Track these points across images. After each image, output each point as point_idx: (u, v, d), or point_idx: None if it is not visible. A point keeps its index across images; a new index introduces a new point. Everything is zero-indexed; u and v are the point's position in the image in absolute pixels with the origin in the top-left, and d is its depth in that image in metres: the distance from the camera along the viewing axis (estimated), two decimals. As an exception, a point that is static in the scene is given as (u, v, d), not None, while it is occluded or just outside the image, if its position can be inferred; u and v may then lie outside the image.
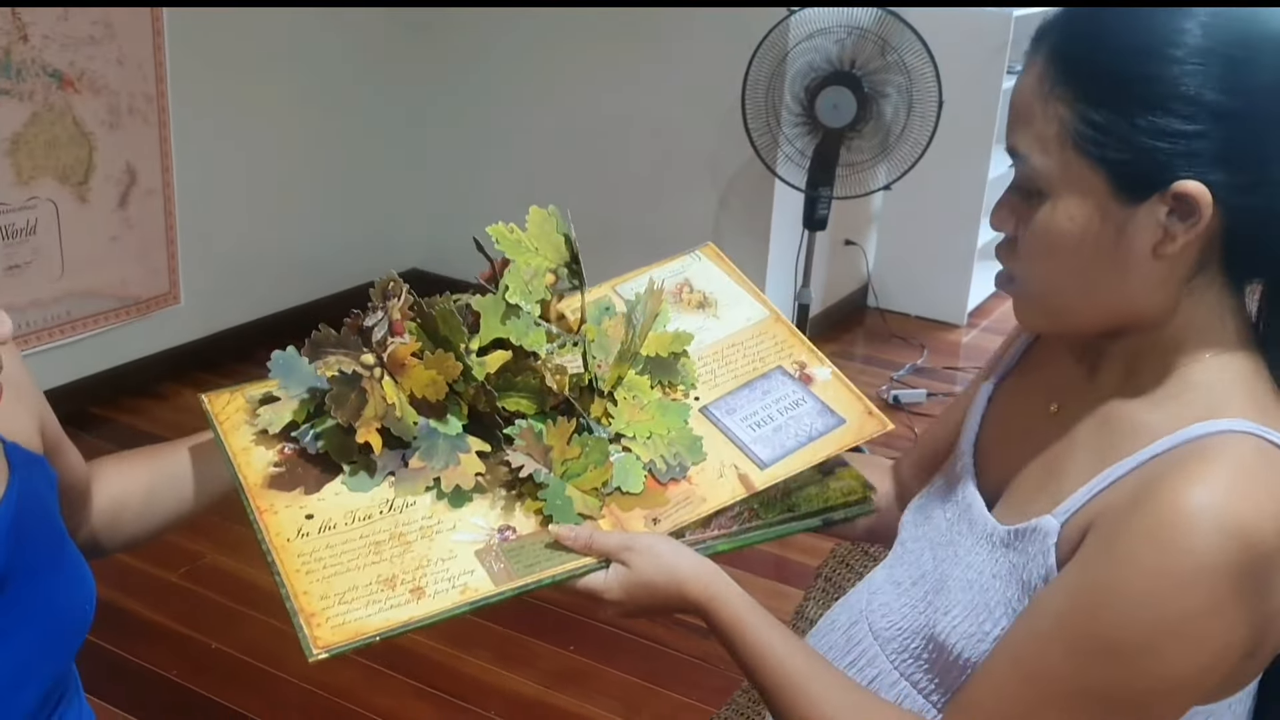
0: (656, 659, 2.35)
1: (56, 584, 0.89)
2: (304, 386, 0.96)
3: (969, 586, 0.90)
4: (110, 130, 3.16)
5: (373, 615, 0.83)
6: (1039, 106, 0.81)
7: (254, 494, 0.93)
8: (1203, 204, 0.77)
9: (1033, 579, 0.84)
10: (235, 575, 2.55)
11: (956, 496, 0.98)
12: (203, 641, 2.37)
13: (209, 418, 1.02)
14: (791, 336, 1.09)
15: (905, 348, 4.13)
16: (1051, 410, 0.94)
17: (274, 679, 2.26)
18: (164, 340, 3.50)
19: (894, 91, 2.90)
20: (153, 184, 3.32)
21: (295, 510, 0.92)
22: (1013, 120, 0.85)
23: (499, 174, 4.14)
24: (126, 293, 3.32)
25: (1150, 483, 0.78)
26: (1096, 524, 0.80)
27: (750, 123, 3.05)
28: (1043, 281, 0.86)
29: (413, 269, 4.42)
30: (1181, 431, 0.80)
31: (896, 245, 4.41)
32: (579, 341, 1.01)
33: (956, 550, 0.94)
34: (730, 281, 1.16)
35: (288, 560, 0.87)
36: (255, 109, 3.60)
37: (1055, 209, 0.82)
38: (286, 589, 0.85)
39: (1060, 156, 0.81)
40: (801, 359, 1.07)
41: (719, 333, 1.11)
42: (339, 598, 0.84)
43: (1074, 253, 0.82)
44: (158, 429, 3.26)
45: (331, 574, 0.86)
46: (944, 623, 0.90)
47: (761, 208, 3.64)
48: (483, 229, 1.03)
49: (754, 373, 1.06)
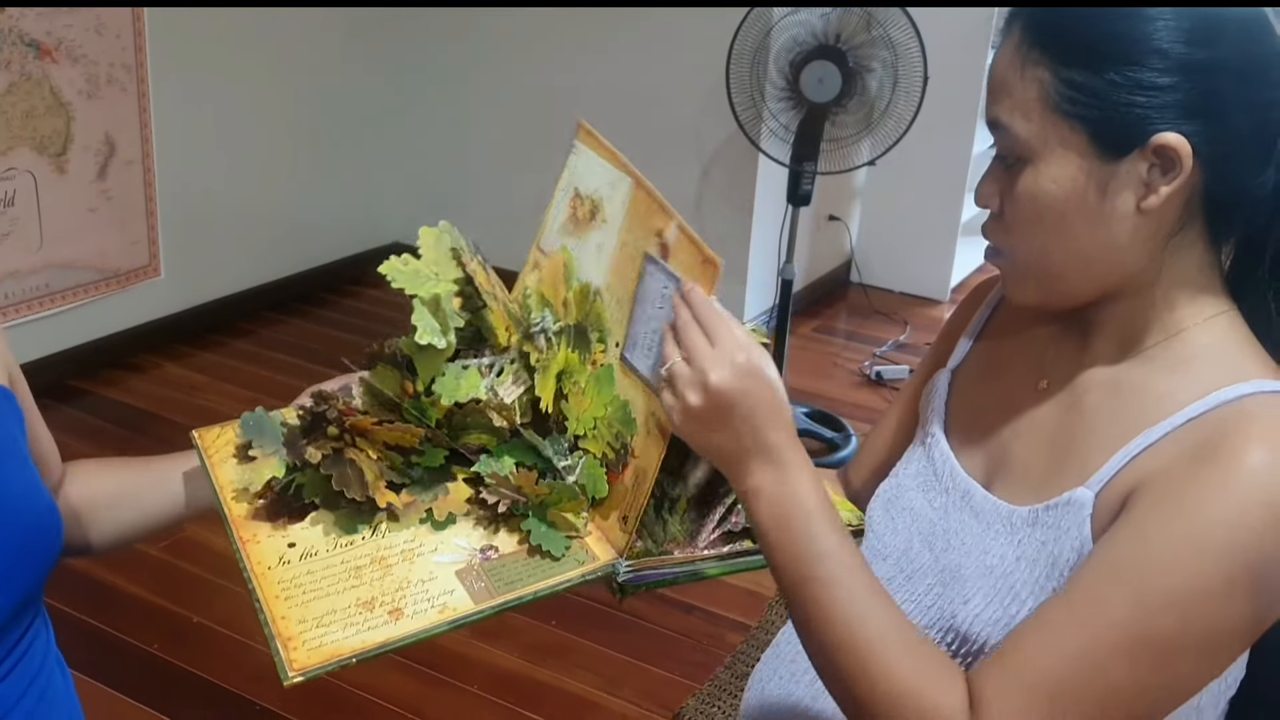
0: (637, 633, 2.35)
1: (22, 504, 0.91)
2: (278, 444, 0.95)
3: (987, 573, 0.89)
4: (88, 100, 3.13)
5: (349, 637, 0.83)
6: (1016, 75, 0.83)
7: (238, 526, 0.94)
8: (1183, 155, 0.79)
9: (1064, 553, 0.84)
10: (216, 549, 2.55)
11: (943, 485, 0.98)
12: (184, 615, 2.37)
13: (198, 451, 1.02)
14: (649, 201, 0.97)
15: (888, 323, 4.14)
16: (1041, 387, 0.94)
17: (256, 653, 2.26)
18: (144, 313, 3.48)
19: (879, 66, 2.89)
20: (132, 155, 3.29)
21: (278, 539, 0.92)
22: (992, 93, 0.86)
23: (481, 146, 4.12)
24: (106, 265, 3.30)
25: (1203, 444, 0.79)
26: (1144, 486, 0.81)
27: (734, 97, 3.04)
28: (1032, 249, 0.87)
29: (394, 242, 4.39)
30: (1211, 396, 0.81)
31: (880, 221, 4.42)
32: (514, 359, 0.98)
33: (963, 539, 0.93)
34: (605, 164, 1.07)
35: (267, 587, 0.87)
36: (236, 80, 3.57)
37: (1039, 173, 0.83)
38: (265, 615, 0.85)
39: (1041, 120, 0.82)
40: (659, 226, 0.93)
41: (611, 238, 1.00)
42: (316, 621, 0.84)
43: (1060, 215, 0.83)
44: (137, 401, 3.24)
45: (310, 599, 0.86)
46: (964, 612, 0.89)
47: (745, 182, 3.63)
48: (465, 201, 1.02)
49: (635, 276, 0.94)
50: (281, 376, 3.47)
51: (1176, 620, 0.76)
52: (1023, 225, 0.86)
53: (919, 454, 1.03)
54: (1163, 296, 0.86)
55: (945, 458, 0.99)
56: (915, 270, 4.40)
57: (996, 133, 0.86)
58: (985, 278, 1.10)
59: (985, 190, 0.88)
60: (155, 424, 3.10)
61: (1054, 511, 0.86)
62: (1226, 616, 0.77)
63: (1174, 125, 0.79)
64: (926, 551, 0.96)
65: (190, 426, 1.09)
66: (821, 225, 4.20)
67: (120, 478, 1.09)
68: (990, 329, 1.05)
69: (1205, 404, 0.81)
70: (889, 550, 1.00)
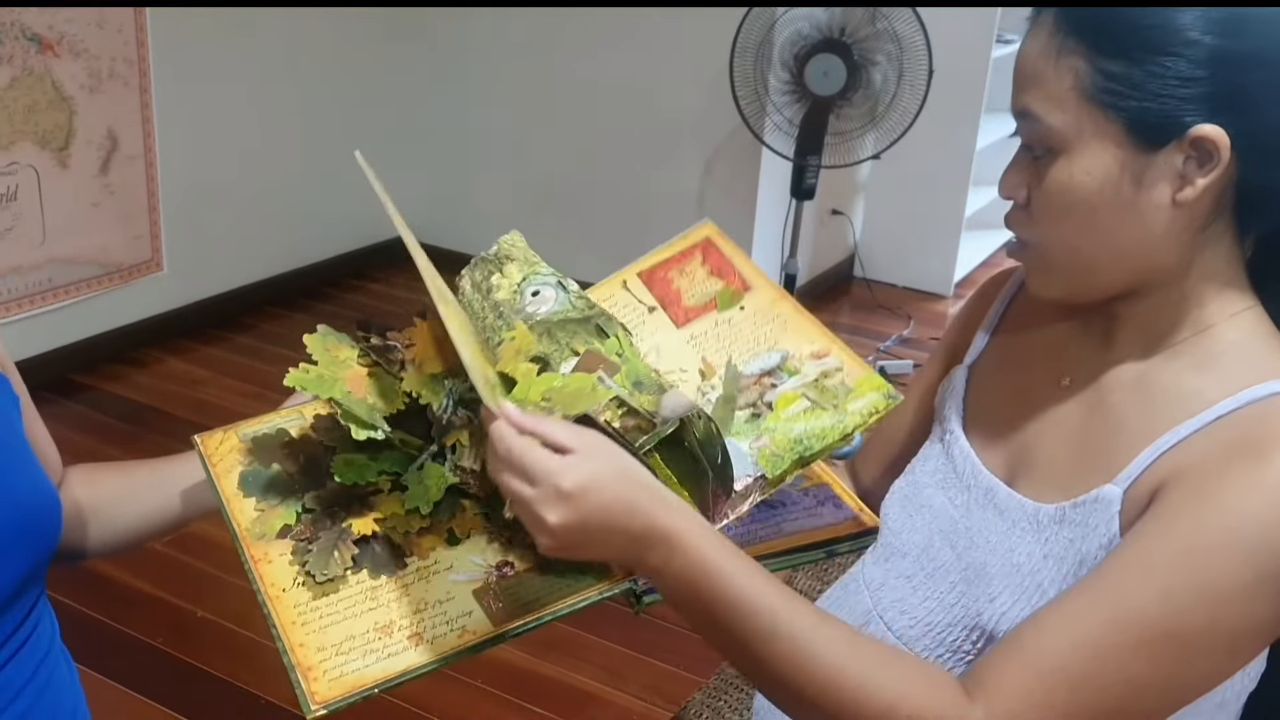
0: (643, 628, 2.35)
1: (19, 482, 0.90)
2: (282, 495, 0.93)
3: (1014, 571, 0.88)
4: (91, 94, 3.12)
5: (370, 666, 0.81)
6: (1049, 65, 0.82)
7: (248, 542, 0.91)
8: (1221, 147, 0.78)
9: (1092, 550, 0.84)
10: (220, 543, 2.54)
11: (965, 483, 0.97)
12: (188, 609, 2.37)
13: (201, 459, 0.99)
14: None
15: (891, 318, 4.14)
16: (1064, 384, 0.93)
17: (260, 647, 2.26)
18: (146, 308, 3.48)
19: (884, 60, 2.88)
20: (134, 149, 3.28)
21: (290, 558, 0.90)
22: (1021, 83, 0.84)
23: (485, 141, 4.11)
24: (108, 260, 3.29)
25: (1233, 442, 0.78)
26: (1174, 481, 0.80)
27: (738, 90, 3.03)
28: (1061, 242, 0.85)
29: (396, 238, 4.38)
30: (1242, 394, 0.81)
31: (883, 215, 4.41)
32: (451, 419, 0.93)
33: (987, 537, 0.92)
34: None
35: (283, 612, 0.85)
36: (238, 74, 3.56)
37: (1071, 165, 0.82)
38: (283, 642, 0.83)
39: (1076, 111, 0.81)
40: None
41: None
42: (335, 649, 0.82)
43: (1092, 208, 0.82)
44: (140, 396, 3.24)
45: (328, 624, 0.84)
46: (990, 611, 0.88)
47: (748, 176, 3.62)
48: (469, 197, 1.00)
49: None
50: (284, 371, 3.43)
51: (1204, 616, 0.76)
52: (1052, 217, 0.84)
53: (937, 451, 1.02)
54: (1191, 290, 0.85)
55: (966, 455, 0.98)
56: (919, 265, 4.39)
57: (1025, 123, 0.84)
58: (996, 271, 1.08)
59: (1011, 181, 0.87)
60: (158, 419, 3.10)
61: (1081, 509, 0.85)
62: (1254, 614, 0.76)
63: (1211, 117, 0.78)
64: (948, 549, 0.95)
65: (193, 421, 1.09)
66: (824, 219, 4.19)
67: (120, 481, 1.08)
68: (1007, 323, 1.03)
69: (1235, 401, 0.81)
70: (908, 547, 0.99)
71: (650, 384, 0.87)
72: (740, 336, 0.98)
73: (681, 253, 1.05)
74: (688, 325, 1.01)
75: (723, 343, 0.98)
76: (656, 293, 1.04)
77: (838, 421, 0.87)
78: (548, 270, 0.99)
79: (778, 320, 0.98)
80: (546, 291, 0.97)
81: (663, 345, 1.00)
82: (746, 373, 0.95)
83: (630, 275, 1.06)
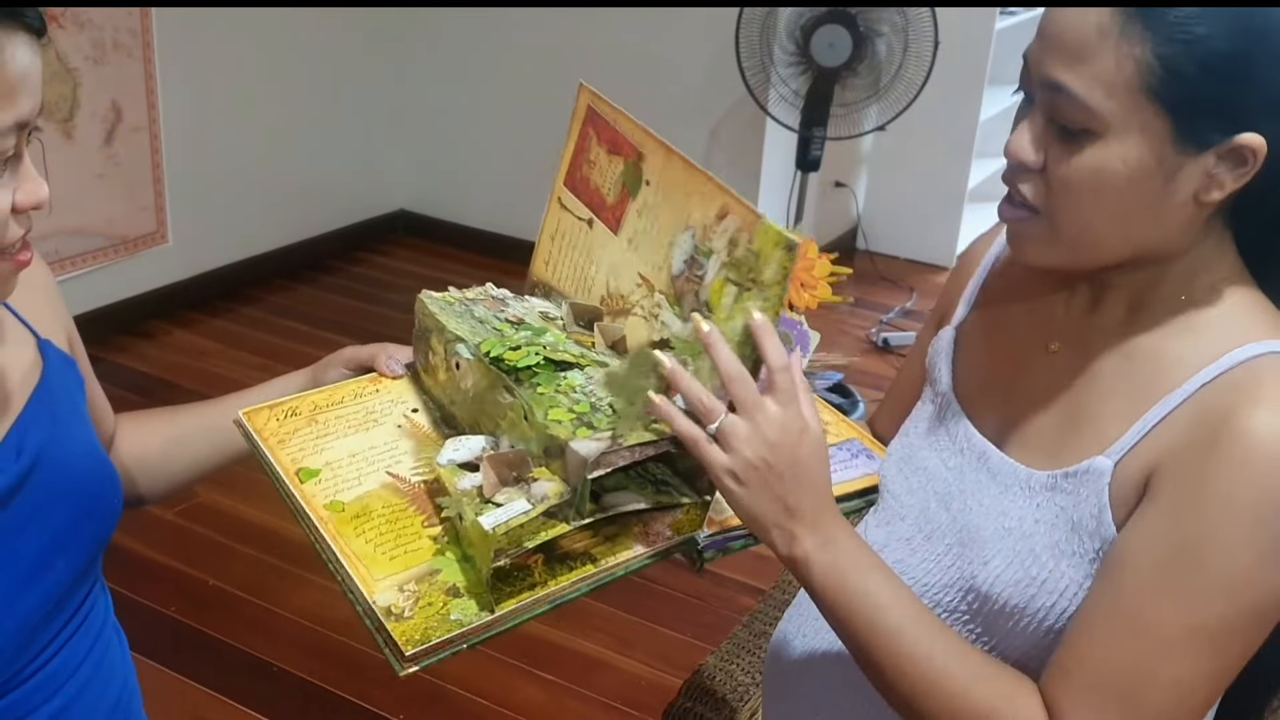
0: (649, 596, 2.38)
1: (87, 469, 0.92)
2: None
3: (1006, 534, 0.90)
4: (95, 66, 3.12)
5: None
6: (1107, 46, 0.78)
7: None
8: (1260, 156, 0.79)
9: (1083, 518, 0.86)
10: (229, 513, 2.57)
11: (958, 446, 0.98)
12: (200, 578, 2.39)
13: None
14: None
15: (894, 290, 4.15)
16: (1052, 349, 0.94)
17: (272, 615, 2.28)
18: (153, 279, 3.49)
19: (889, 31, 2.88)
20: (139, 121, 3.28)
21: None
22: (1059, 53, 0.80)
23: (488, 112, 4.11)
24: (114, 231, 3.30)
25: (1215, 416, 0.80)
26: (1163, 468, 0.82)
27: (744, 62, 3.03)
28: (1076, 218, 0.84)
29: (401, 209, 4.39)
30: (1222, 360, 0.82)
31: (886, 187, 4.41)
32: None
33: (980, 499, 0.94)
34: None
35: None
36: (242, 45, 3.55)
37: (1108, 150, 0.80)
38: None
39: (1125, 100, 0.78)
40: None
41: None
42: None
43: (1119, 194, 0.81)
44: (148, 367, 3.25)
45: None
46: (984, 574, 0.90)
47: (752, 148, 3.62)
48: (471, 167, 1.00)
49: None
50: (291, 343, 3.48)
51: (1224, 605, 0.78)
52: (1076, 195, 0.82)
53: (928, 413, 1.03)
54: (1186, 266, 0.86)
55: (958, 418, 0.99)
56: (922, 236, 4.39)
57: (1057, 96, 0.80)
58: (992, 231, 1.08)
59: (1025, 144, 0.84)
60: (166, 390, 3.11)
61: (1073, 479, 0.87)
62: (1269, 588, 0.79)
63: (1255, 125, 0.78)
64: (944, 511, 0.97)
65: (201, 392, 1.11)
66: (828, 191, 4.19)
67: (170, 427, 1.10)
68: (990, 289, 1.04)
69: (1218, 367, 0.82)
70: (906, 510, 1.00)
71: (554, 446, 0.86)
72: (661, 223, 0.95)
73: (580, 136, 1.04)
74: (621, 228, 0.99)
75: (651, 235, 0.96)
76: (585, 200, 1.03)
77: (764, 301, 0.83)
78: (452, 330, 0.98)
79: (677, 186, 0.93)
80: (464, 357, 0.96)
81: (615, 263, 1.00)
82: (675, 272, 0.92)
83: (560, 189, 1.06)
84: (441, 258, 4.20)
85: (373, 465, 0.95)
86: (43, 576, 0.88)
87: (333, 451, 0.97)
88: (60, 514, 0.89)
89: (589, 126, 1.03)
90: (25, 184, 0.79)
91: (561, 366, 0.92)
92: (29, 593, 0.87)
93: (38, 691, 0.89)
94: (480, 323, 1.00)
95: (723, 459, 0.81)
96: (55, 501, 0.88)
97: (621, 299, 0.97)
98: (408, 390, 1.04)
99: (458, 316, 1.01)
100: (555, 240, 1.07)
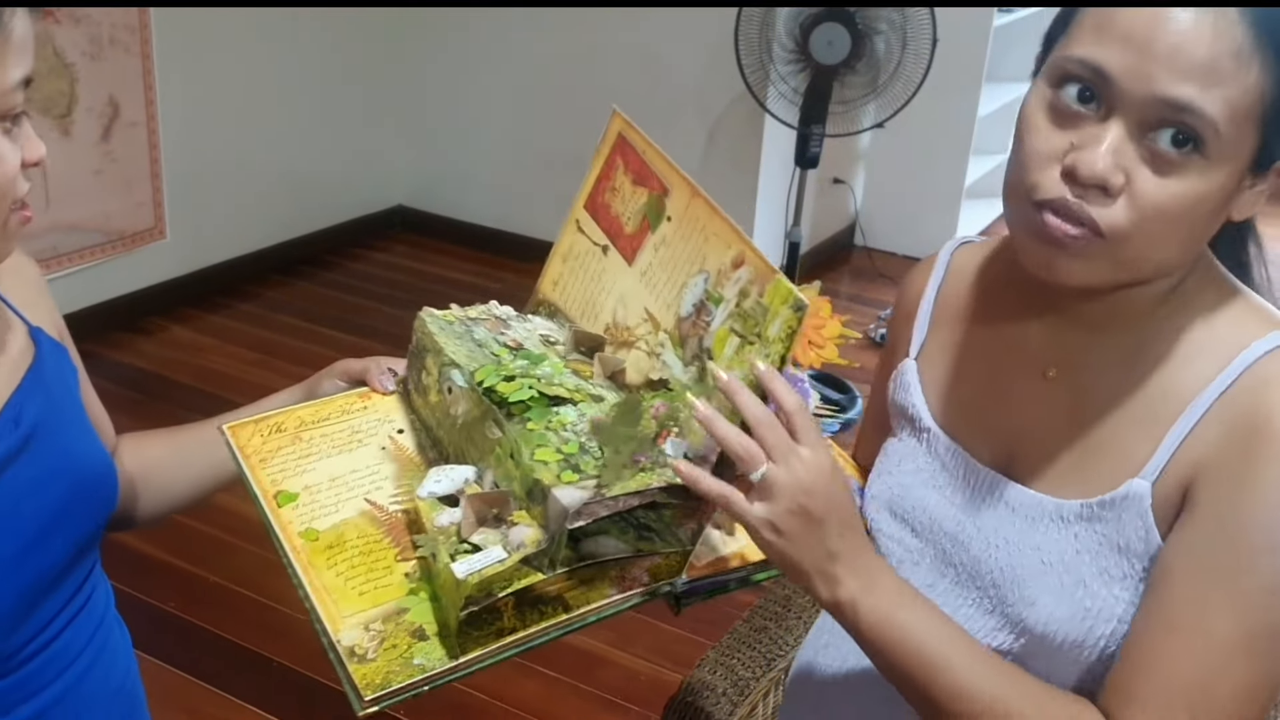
0: (649, 591, 2.37)
1: (80, 448, 0.94)
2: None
3: (1048, 570, 0.88)
4: (92, 61, 3.11)
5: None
6: (1239, 67, 0.74)
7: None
8: None
9: (1131, 542, 0.85)
10: (225, 508, 2.56)
11: (962, 481, 0.95)
12: (200, 575, 2.39)
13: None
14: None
15: (892, 286, 4.15)
16: (1049, 376, 0.91)
17: (271, 610, 2.29)
18: (150, 275, 3.48)
19: (888, 28, 2.88)
20: (136, 116, 3.28)
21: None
22: (1186, 71, 0.74)
23: (485, 108, 4.11)
24: (111, 227, 3.29)
25: (1244, 419, 0.80)
26: (1200, 478, 0.82)
27: (743, 59, 3.03)
28: (1151, 242, 0.79)
29: (399, 205, 4.39)
30: (1233, 364, 0.82)
31: (884, 184, 4.41)
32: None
33: (1005, 536, 0.91)
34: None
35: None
36: (240, 41, 3.55)
37: (1209, 175, 0.76)
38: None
39: (1241, 125, 0.76)
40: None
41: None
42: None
43: (1195, 213, 0.79)
44: (145, 364, 3.25)
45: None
46: (1034, 614, 0.88)
47: (751, 144, 3.62)
48: (469, 163, 0.99)
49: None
50: (288, 339, 3.48)
51: (1278, 606, 0.78)
52: (1162, 219, 0.78)
53: (915, 449, 1.00)
54: (1175, 278, 0.86)
55: (953, 452, 0.96)
56: (920, 233, 4.40)
57: (1182, 115, 0.75)
58: (928, 257, 1.06)
59: (1110, 163, 0.77)
60: (163, 386, 3.11)
61: (1111, 507, 0.85)
62: None
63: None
64: (963, 553, 0.93)
65: (198, 389, 1.11)
66: (825, 188, 4.20)
67: (168, 448, 1.10)
68: (942, 312, 1.02)
69: (1231, 373, 0.82)
70: (919, 556, 0.97)
71: (536, 490, 0.84)
72: (676, 259, 0.94)
73: (607, 163, 1.03)
74: (636, 260, 0.99)
75: (665, 271, 0.95)
76: (604, 226, 1.02)
77: (765, 357, 0.82)
78: (449, 354, 0.97)
79: (697, 227, 0.93)
80: (458, 384, 0.95)
81: (624, 293, 0.99)
82: (684, 314, 0.92)
83: (579, 211, 1.05)
84: (439, 253, 4.20)
85: (352, 491, 0.94)
86: (41, 549, 0.89)
87: (314, 474, 0.96)
88: (58, 489, 0.90)
89: (617, 154, 1.02)
90: (29, 141, 0.85)
91: (555, 401, 0.91)
92: (27, 564, 0.88)
93: (41, 673, 0.90)
94: (479, 346, 0.99)
95: (761, 511, 0.78)
96: (53, 476, 0.89)
97: (627, 330, 0.96)
98: (396, 409, 1.03)
99: (457, 338, 0.99)
100: (567, 261, 1.05)
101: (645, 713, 2.10)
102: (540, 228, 4.09)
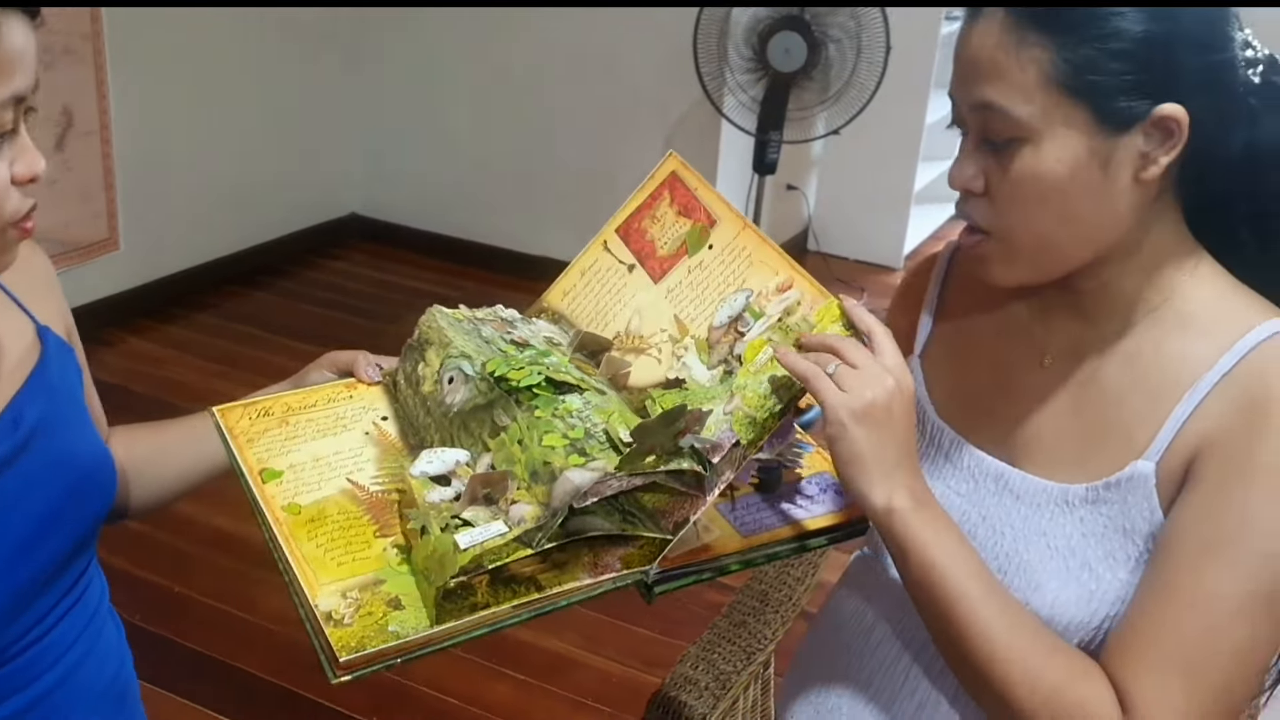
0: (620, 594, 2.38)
1: (83, 448, 0.94)
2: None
3: (1054, 554, 0.91)
4: (45, 70, 3.06)
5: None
6: (1010, 58, 0.83)
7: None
8: (1183, 125, 0.82)
9: (1136, 524, 0.88)
10: (191, 519, 2.55)
11: (967, 472, 0.98)
12: (165, 585, 2.38)
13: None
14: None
15: (846, 290, 4.20)
16: (1045, 364, 0.96)
17: (235, 619, 2.28)
18: (105, 286, 3.45)
19: (843, 36, 2.94)
20: (90, 126, 3.25)
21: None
22: (975, 75, 0.85)
23: (440, 115, 4.11)
24: (67, 237, 3.26)
25: (1249, 399, 0.84)
26: (1203, 454, 0.85)
27: (702, 67, 3.07)
28: (1028, 229, 0.87)
29: (352, 213, 4.38)
30: (1235, 347, 0.86)
31: (836, 190, 4.48)
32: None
33: (1011, 524, 0.94)
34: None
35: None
36: (194, 50, 3.53)
37: (1040, 153, 0.84)
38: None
39: (1044, 100, 0.82)
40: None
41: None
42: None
43: (1063, 194, 0.84)
44: (106, 375, 3.20)
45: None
46: (1040, 599, 0.90)
47: (708, 151, 3.66)
48: (424, 172, 1.01)
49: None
50: (247, 349, 3.46)
51: (1273, 571, 0.82)
52: (1022, 206, 0.86)
53: (918, 443, 1.00)
54: (1149, 257, 0.89)
55: (958, 444, 1.00)
56: (870, 238, 4.47)
57: (984, 114, 0.85)
58: (931, 251, 1.10)
59: (966, 172, 0.88)
60: (125, 397, 3.08)
61: (1117, 488, 0.89)
62: None
63: (1170, 97, 0.82)
64: (972, 541, 0.94)
65: (160, 399, 1.11)
66: (780, 194, 4.25)
67: (155, 441, 1.11)
68: (947, 306, 1.06)
69: (1233, 356, 0.86)
70: None
71: (544, 473, 0.87)
72: (711, 280, 1.00)
73: (652, 195, 1.07)
74: (664, 279, 1.03)
75: (696, 290, 1.01)
76: (633, 248, 1.06)
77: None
78: (458, 348, 1.00)
79: (743, 255, 0.99)
80: (458, 377, 0.98)
81: (643, 306, 1.03)
82: (717, 324, 0.96)
83: (610, 234, 1.09)
84: (397, 261, 4.20)
85: (335, 471, 0.97)
86: (38, 547, 0.89)
87: (298, 454, 0.98)
88: (56, 488, 0.90)
89: (665, 188, 1.08)
90: (24, 156, 0.83)
91: (562, 389, 0.94)
92: (24, 562, 0.88)
93: (33, 665, 0.91)
94: (486, 342, 1.02)
95: (842, 396, 0.83)
96: (51, 476, 0.90)
97: (640, 339, 1.00)
98: (380, 399, 1.06)
99: (465, 334, 1.03)
100: (585, 275, 1.09)
101: (617, 714, 2.12)
102: (500, 234, 4.10)
